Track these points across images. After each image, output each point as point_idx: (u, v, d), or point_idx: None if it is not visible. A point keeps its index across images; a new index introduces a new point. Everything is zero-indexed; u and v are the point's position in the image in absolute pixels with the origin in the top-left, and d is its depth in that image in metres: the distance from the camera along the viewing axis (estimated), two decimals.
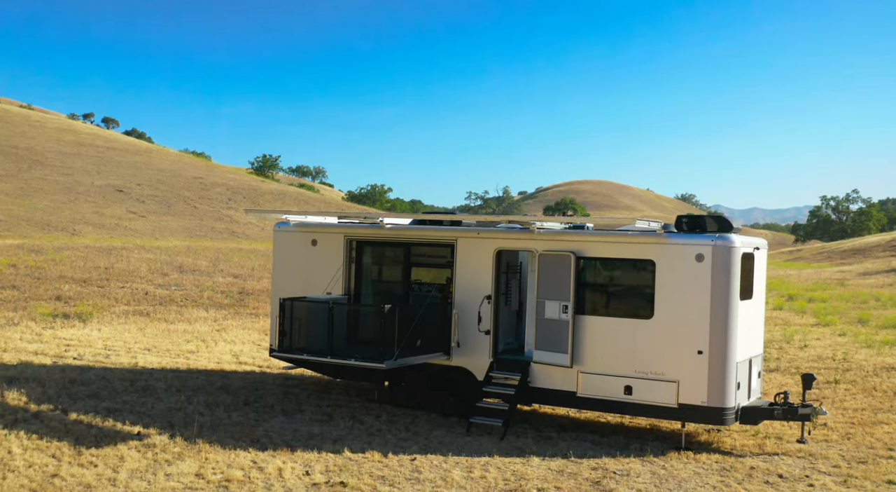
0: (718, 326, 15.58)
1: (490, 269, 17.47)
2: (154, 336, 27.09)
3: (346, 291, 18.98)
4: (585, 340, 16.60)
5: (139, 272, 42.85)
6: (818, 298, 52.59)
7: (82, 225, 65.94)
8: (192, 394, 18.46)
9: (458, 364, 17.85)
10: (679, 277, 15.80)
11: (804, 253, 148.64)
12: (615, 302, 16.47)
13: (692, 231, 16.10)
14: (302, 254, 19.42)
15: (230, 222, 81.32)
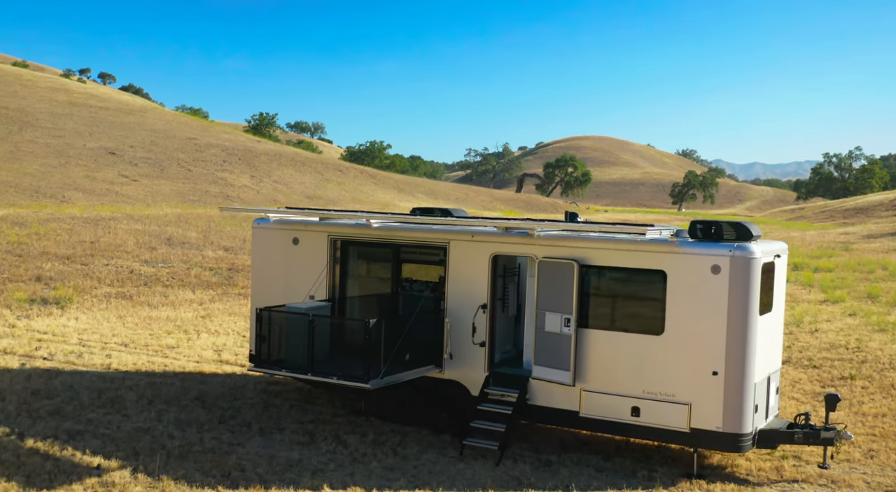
0: (736, 346, 14.16)
1: (486, 275, 16.04)
2: (134, 326, 25.73)
3: (331, 295, 17.56)
4: (589, 356, 15.21)
5: (126, 246, 41.44)
6: (824, 268, 51.21)
7: (72, 191, 64.42)
8: (163, 408, 17.10)
9: (451, 377, 16.48)
10: (692, 290, 14.37)
11: (806, 212, 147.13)
12: (622, 315, 15.04)
13: (708, 239, 14.64)
14: (283, 253, 17.98)
15: (224, 186, 79.80)
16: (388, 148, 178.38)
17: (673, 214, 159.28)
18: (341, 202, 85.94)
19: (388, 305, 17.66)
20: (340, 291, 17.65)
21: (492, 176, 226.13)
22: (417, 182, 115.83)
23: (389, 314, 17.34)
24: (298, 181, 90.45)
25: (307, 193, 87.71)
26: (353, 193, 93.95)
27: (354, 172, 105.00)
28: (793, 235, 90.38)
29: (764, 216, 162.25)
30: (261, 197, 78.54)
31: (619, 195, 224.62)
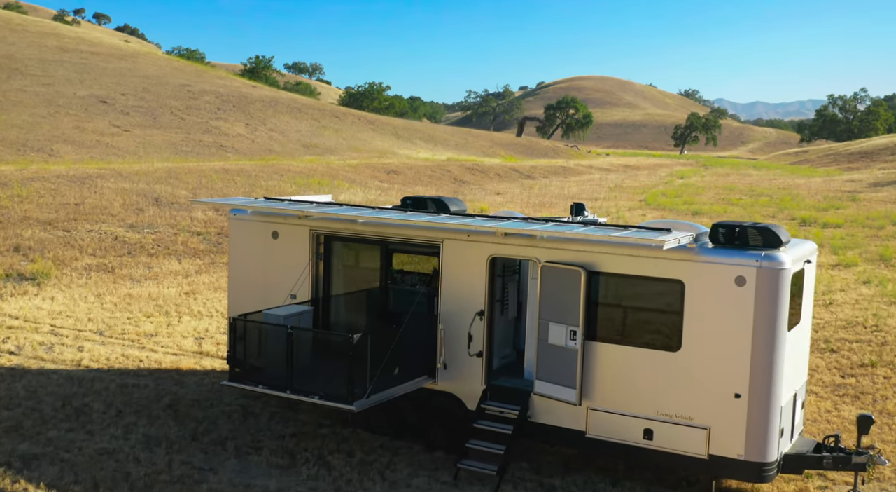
0: (761, 366, 12.70)
1: (483, 279, 14.52)
2: (112, 308, 24.28)
3: (314, 294, 16.07)
4: (597, 371, 13.75)
5: (112, 209, 39.90)
6: (832, 224, 49.71)
7: (61, 144, 62.59)
8: (132, 421, 15.69)
9: (446, 389, 15.05)
10: (714, 302, 12.86)
11: (810, 155, 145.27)
12: (635, 329, 13.54)
13: (731, 245, 13.09)
14: (262, 248, 16.46)
15: (218, 135, 77.90)
16: (388, 89, 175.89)
17: (675, 158, 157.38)
18: (339, 151, 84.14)
19: (376, 302, 16.19)
20: (325, 290, 16.16)
21: (492, 118, 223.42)
22: (416, 127, 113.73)
23: (378, 313, 15.87)
24: (294, 129, 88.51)
25: (303, 141, 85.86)
26: (350, 140, 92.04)
27: (352, 118, 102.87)
28: (798, 181, 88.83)
29: (767, 159, 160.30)
30: (256, 146, 76.76)
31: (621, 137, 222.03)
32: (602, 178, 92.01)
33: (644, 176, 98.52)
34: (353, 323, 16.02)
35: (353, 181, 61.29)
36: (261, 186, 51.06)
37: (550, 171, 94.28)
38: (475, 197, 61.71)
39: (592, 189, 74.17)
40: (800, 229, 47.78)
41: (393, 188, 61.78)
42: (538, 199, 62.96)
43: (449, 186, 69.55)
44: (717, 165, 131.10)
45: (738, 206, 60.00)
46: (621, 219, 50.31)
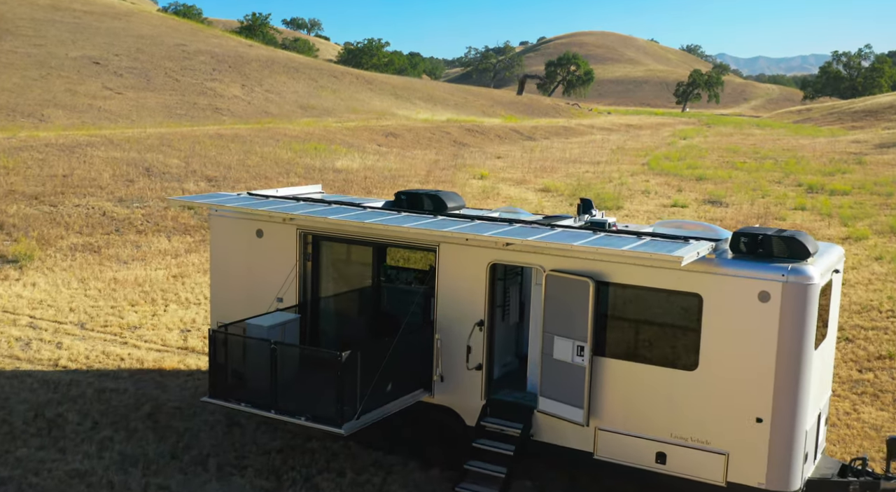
0: (786, 390, 11.66)
1: (482, 287, 13.44)
2: (96, 295, 23.23)
3: (302, 298, 15.01)
4: (607, 389, 12.72)
5: (101, 180, 38.72)
6: (840, 191, 48.57)
7: (52, 108, 61.20)
8: (108, 435, 14.68)
9: (443, 403, 14.03)
10: (734, 319, 11.79)
11: (813, 113, 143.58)
12: (648, 345, 12.47)
13: (754, 255, 11.99)
14: (245, 247, 15.36)
15: (214, 97, 76.46)
16: (387, 46, 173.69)
17: (677, 116, 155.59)
18: (336, 112, 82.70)
19: (368, 306, 15.13)
20: (313, 292, 15.08)
21: (492, 75, 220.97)
22: (415, 87, 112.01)
23: (371, 314, 14.81)
24: (291, 90, 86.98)
25: (301, 102, 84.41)
26: (348, 101, 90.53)
27: (350, 78, 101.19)
28: (802, 142, 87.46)
29: (770, 117, 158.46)
30: (252, 109, 75.35)
31: (623, 94, 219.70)
32: (604, 139, 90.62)
33: (646, 136, 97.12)
34: (345, 329, 14.99)
35: (350, 146, 60.00)
36: (256, 153, 49.83)
37: (551, 131, 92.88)
38: (475, 161, 60.43)
39: (594, 152, 72.86)
40: (807, 197, 46.65)
41: (391, 152, 60.52)
42: (539, 163, 61.72)
43: (448, 149, 68.27)
44: (719, 123, 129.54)
45: (742, 170, 58.76)
46: (624, 186, 49.16)
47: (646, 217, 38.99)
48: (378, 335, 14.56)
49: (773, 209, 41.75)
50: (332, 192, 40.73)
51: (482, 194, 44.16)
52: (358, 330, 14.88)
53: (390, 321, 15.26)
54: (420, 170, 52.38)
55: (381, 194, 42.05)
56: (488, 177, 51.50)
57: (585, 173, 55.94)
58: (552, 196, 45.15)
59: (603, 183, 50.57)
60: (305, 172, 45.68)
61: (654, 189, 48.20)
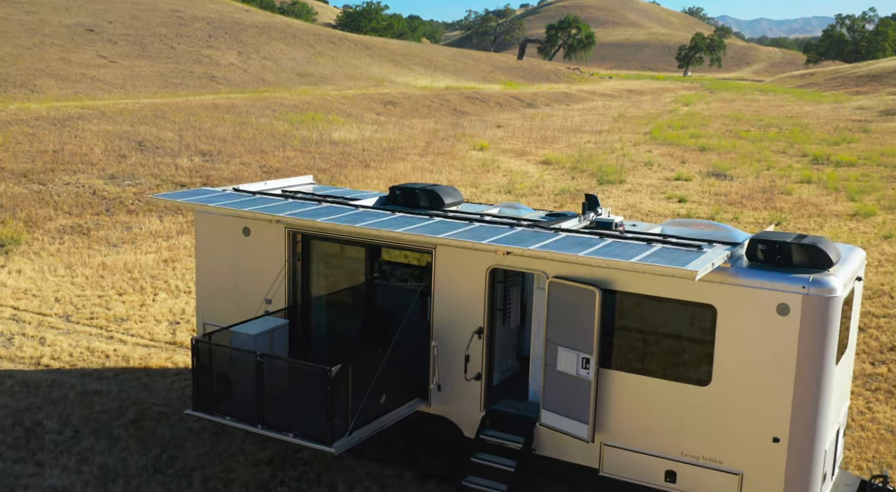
0: (805, 408, 10.92)
1: (481, 293, 12.66)
2: (83, 282, 22.47)
3: (291, 300, 14.24)
4: (613, 403, 11.99)
5: (92, 156, 37.89)
6: (846, 162, 47.73)
7: (44, 78, 60.14)
8: (89, 446, 13.96)
9: (440, 413, 13.31)
10: (750, 332, 11.03)
11: (817, 78, 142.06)
12: (658, 358, 11.71)
13: (772, 264, 11.20)
14: (232, 246, 14.58)
15: (209, 65, 75.32)
16: (386, 9, 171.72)
17: (679, 80, 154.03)
18: (334, 79, 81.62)
19: (362, 304, 14.36)
20: (303, 293, 14.31)
21: (492, 38, 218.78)
22: (414, 53, 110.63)
23: (364, 314, 14.04)
24: (289, 57, 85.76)
25: (298, 69, 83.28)
26: (346, 68, 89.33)
27: (348, 44, 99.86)
28: (806, 109, 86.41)
29: (773, 82, 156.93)
30: (248, 77, 74.29)
31: (624, 58, 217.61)
32: (605, 105, 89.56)
33: (648, 103, 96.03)
34: (337, 332, 14.24)
35: (348, 116, 59.04)
36: (251, 125, 48.91)
37: (552, 98, 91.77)
38: (475, 131, 59.51)
39: (596, 120, 71.84)
40: (812, 168, 45.82)
41: (390, 122, 59.57)
42: (540, 133, 60.80)
43: (448, 118, 67.30)
44: (721, 88, 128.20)
45: (746, 140, 57.86)
46: (627, 157, 48.27)
47: (649, 192, 38.18)
48: (372, 338, 13.84)
49: (778, 183, 40.92)
50: (329, 167, 39.88)
51: (482, 168, 43.30)
52: (351, 333, 14.14)
53: (385, 323, 14.53)
54: (419, 141, 51.48)
55: (379, 168, 41.18)
56: (488, 148, 50.61)
57: (587, 144, 55.03)
58: (553, 169, 44.28)
59: (605, 154, 49.69)
60: (302, 144, 44.81)
61: (656, 161, 47.32)
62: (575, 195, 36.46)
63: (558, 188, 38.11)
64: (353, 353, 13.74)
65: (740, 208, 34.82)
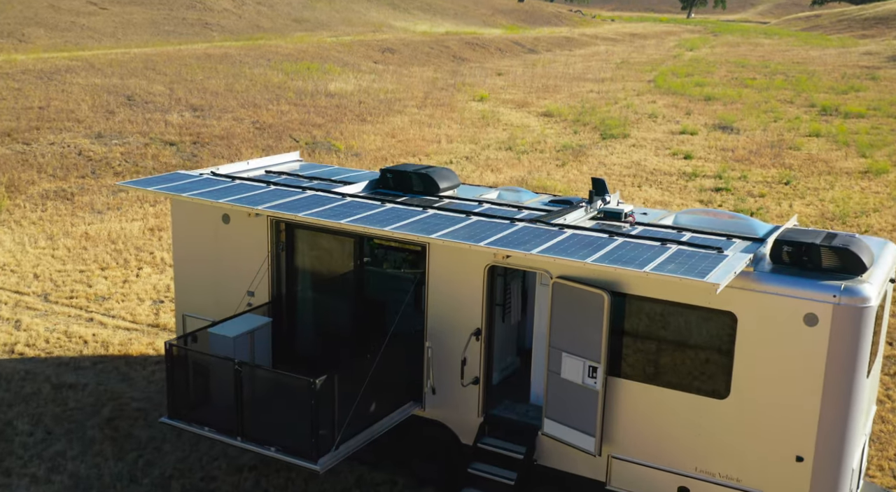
0: (832, 426, 9.99)
1: (479, 292, 11.67)
2: (65, 255, 21.47)
3: (275, 292, 13.26)
4: (622, 414, 11.06)
5: (79, 113, 36.70)
6: (854, 113, 46.46)
7: (32, 27, 58.60)
8: (61, 450, 13.05)
9: (435, 417, 12.39)
10: (774, 343, 10.05)
11: (822, 20, 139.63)
12: (671, 367, 10.75)
13: (799, 267, 10.19)
14: (211, 234, 13.55)
15: (203, 11, 73.59)
16: None
17: (682, 23, 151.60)
18: (331, 25, 79.93)
19: (352, 293, 13.31)
20: (288, 284, 13.31)
21: None
22: None
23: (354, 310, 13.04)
24: (285, 1, 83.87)
25: (294, 15, 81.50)
26: (343, 13, 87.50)
27: None
28: (812, 54, 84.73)
29: (778, 24, 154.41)
30: (243, 23, 72.63)
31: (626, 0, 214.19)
32: (608, 51, 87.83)
33: (651, 48, 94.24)
34: (325, 327, 13.27)
35: (344, 64, 57.60)
36: (244, 76, 47.59)
37: (554, 43, 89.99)
38: (475, 80, 58.11)
39: (598, 67, 70.28)
40: (820, 120, 44.60)
41: (388, 71, 58.16)
42: (541, 81, 59.37)
43: (447, 65, 65.84)
44: (726, 31, 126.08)
45: (752, 88, 56.49)
46: (630, 109, 46.98)
47: (654, 147, 37.01)
48: (364, 332, 12.89)
49: (786, 136, 39.74)
50: (324, 122, 38.64)
51: (482, 121, 42.07)
52: (341, 327, 13.15)
53: (378, 315, 13.57)
54: (417, 91, 50.14)
55: (376, 122, 39.95)
56: (488, 99, 49.31)
57: (589, 93, 53.68)
58: (555, 122, 43.04)
59: (608, 105, 48.38)
60: (296, 97, 43.52)
61: (661, 112, 46.05)
62: (577, 152, 35.35)
63: (560, 144, 36.94)
64: (343, 350, 12.83)
65: (748, 166, 33.69)
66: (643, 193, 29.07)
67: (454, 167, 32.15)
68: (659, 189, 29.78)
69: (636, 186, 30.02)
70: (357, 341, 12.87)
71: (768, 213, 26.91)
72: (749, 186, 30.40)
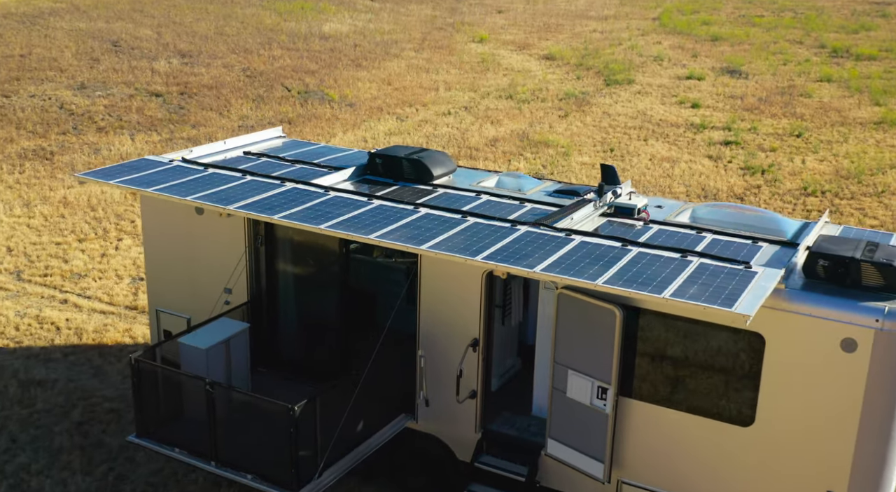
0: (868, 459, 8.96)
1: (477, 299, 10.56)
2: (41, 228, 20.33)
3: (253, 290, 12.16)
4: (633, 436, 10.04)
5: (62, 61, 35.29)
6: (866, 55, 44.86)
7: None
8: (25, 462, 12.05)
9: (429, 431, 11.38)
10: (806, 369, 8.98)
11: None
12: (689, 389, 9.68)
13: (837, 284, 9.06)
14: (184, 227, 12.40)
15: None
16: None
17: None
18: None
19: (339, 288, 12.17)
20: (268, 282, 12.19)
21: None
22: None
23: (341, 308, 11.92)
24: None
25: None
26: None
27: None
28: None
29: None
30: None
31: None
32: None
33: None
34: (309, 328, 12.19)
35: (340, 2, 55.79)
36: (236, 18, 45.97)
37: None
38: (474, 18, 56.30)
39: (601, 2, 68.18)
40: (832, 63, 43.08)
41: (384, 9, 56.37)
42: (543, 19, 57.54)
43: (447, 2, 63.84)
44: None
45: (760, 27, 54.70)
46: (635, 50, 45.37)
47: (660, 95, 35.61)
48: (353, 330, 11.84)
49: (797, 82, 38.28)
50: (318, 68, 37.16)
51: (481, 66, 40.57)
52: (326, 326, 12.06)
53: (366, 310, 12.52)
54: (415, 32, 48.47)
55: (372, 68, 38.47)
56: (488, 40, 47.66)
57: (592, 33, 51.95)
58: (557, 66, 41.52)
59: (612, 47, 46.74)
60: (289, 40, 41.97)
61: (666, 54, 44.47)
62: (581, 101, 33.96)
63: (562, 92, 35.52)
64: (328, 350, 11.80)
65: (758, 116, 32.34)
66: (650, 147, 27.81)
67: (452, 118, 30.85)
68: (666, 143, 28.50)
69: (642, 140, 28.74)
70: (343, 341, 11.82)
71: (780, 170, 25.70)
72: (759, 139, 29.12)
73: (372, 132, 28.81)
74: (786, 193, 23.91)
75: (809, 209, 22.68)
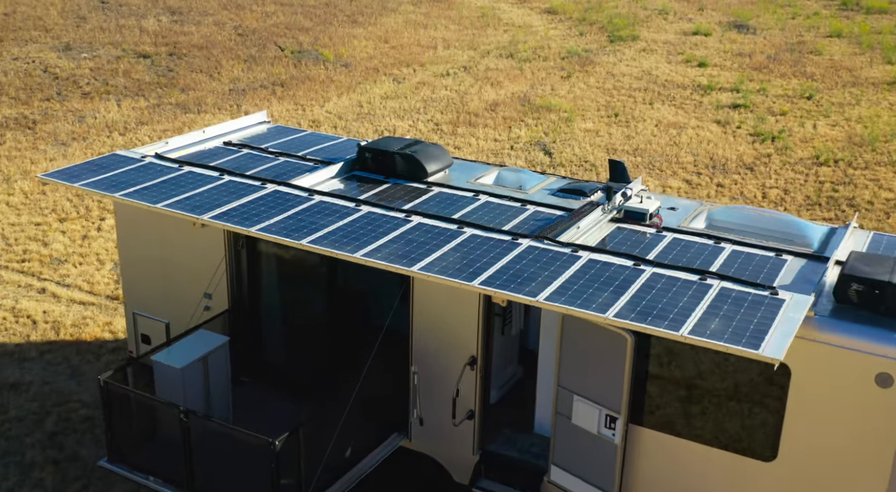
0: None
1: (474, 316, 9.73)
2: (20, 206, 19.45)
3: (234, 296, 11.32)
4: (643, 467, 9.27)
5: (47, 20, 34.14)
6: (876, 9, 43.54)
7: None
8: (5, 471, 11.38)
9: (424, 450, 10.62)
10: (836, 404, 8.17)
11: None
12: (706, 421, 8.88)
13: (870, 310, 8.22)
14: (159, 229, 11.53)
15: None
16: None
17: None
18: None
19: (322, 284, 11.29)
20: (250, 288, 11.36)
21: None
22: None
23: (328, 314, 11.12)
24: None
25: None
26: None
27: None
28: None
29: None
30: None
31: None
32: None
33: None
34: (294, 337, 11.38)
35: None
36: None
37: None
38: None
39: None
40: (841, 16, 41.80)
41: None
42: None
43: None
44: None
45: None
46: (639, 3, 44.01)
47: (665, 52, 34.45)
48: (343, 337, 11.05)
49: (806, 37, 37.08)
50: (313, 25, 35.96)
51: (481, 21, 39.33)
52: (312, 332, 11.26)
53: (355, 313, 11.69)
54: None
55: (368, 25, 37.26)
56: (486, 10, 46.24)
57: None
58: (559, 21, 40.26)
59: (615, 0, 45.37)
60: None
61: (672, 7, 43.15)
62: (584, 60, 32.83)
63: (565, 50, 34.37)
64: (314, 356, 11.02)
65: (767, 75, 31.24)
66: (655, 112, 26.80)
67: (451, 80, 29.78)
68: (672, 107, 27.48)
69: (647, 103, 27.70)
70: (332, 347, 11.04)
71: (791, 137, 24.72)
72: (769, 102, 28.09)
73: (367, 96, 27.78)
74: (797, 162, 22.97)
75: (822, 181, 21.77)
